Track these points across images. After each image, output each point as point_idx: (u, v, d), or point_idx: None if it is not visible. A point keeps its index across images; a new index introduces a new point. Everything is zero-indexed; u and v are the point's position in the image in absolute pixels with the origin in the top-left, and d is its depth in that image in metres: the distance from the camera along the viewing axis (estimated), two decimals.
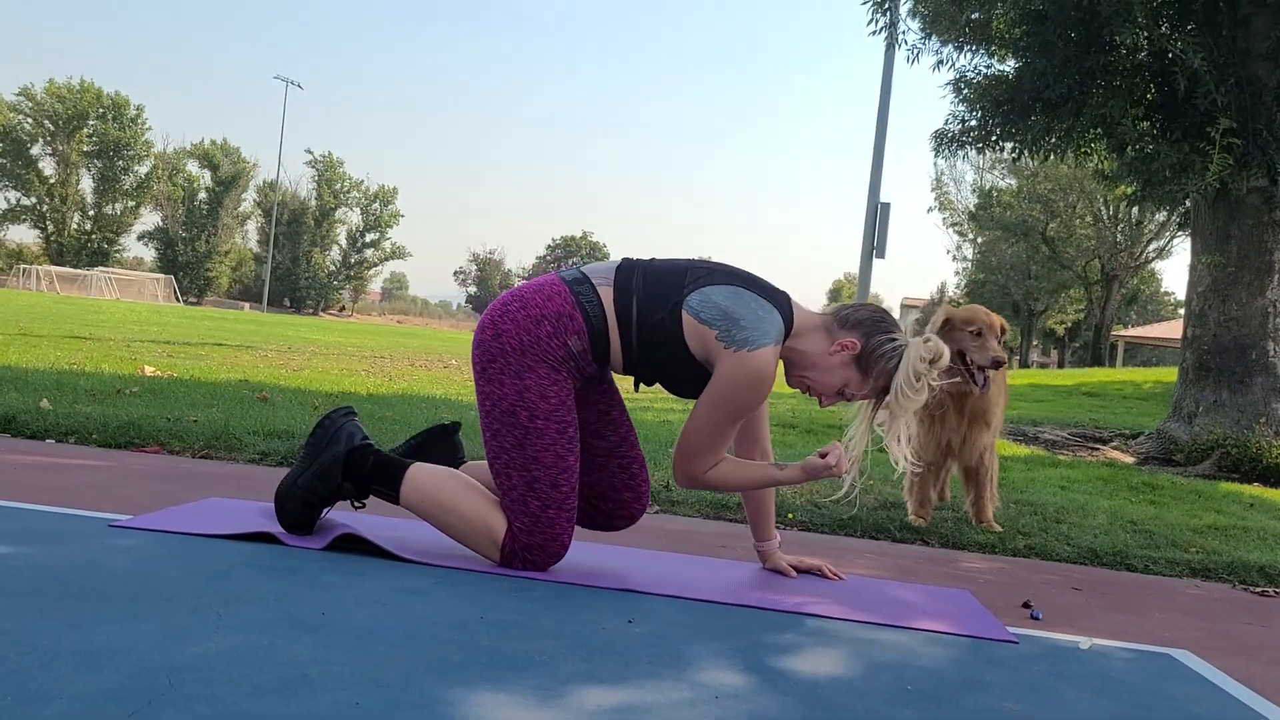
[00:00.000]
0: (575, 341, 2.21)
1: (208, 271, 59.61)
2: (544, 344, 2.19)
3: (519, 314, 2.21)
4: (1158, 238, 33.25)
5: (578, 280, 2.25)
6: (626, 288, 2.23)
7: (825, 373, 2.27)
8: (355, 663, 1.54)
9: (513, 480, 2.21)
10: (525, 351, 2.19)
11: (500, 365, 2.20)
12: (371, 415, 4.75)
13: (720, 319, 2.17)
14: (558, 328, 2.20)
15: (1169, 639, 2.33)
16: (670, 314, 2.20)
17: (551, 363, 2.20)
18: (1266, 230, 6.69)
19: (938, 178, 38.36)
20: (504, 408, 2.20)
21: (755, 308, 2.20)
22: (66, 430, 3.63)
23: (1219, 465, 6.14)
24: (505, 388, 2.19)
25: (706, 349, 2.19)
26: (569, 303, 2.21)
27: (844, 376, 2.26)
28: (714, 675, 1.68)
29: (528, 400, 2.18)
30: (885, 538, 3.30)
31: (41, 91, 55.14)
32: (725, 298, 2.20)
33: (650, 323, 2.21)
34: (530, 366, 2.19)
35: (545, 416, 2.19)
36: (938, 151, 7.92)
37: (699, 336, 2.19)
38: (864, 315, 2.29)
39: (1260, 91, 6.57)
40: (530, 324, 2.20)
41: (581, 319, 2.21)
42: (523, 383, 2.18)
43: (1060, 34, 6.77)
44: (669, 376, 2.28)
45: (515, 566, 2.24)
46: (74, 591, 1.76)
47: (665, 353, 2.22)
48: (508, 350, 2.20)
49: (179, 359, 7.79)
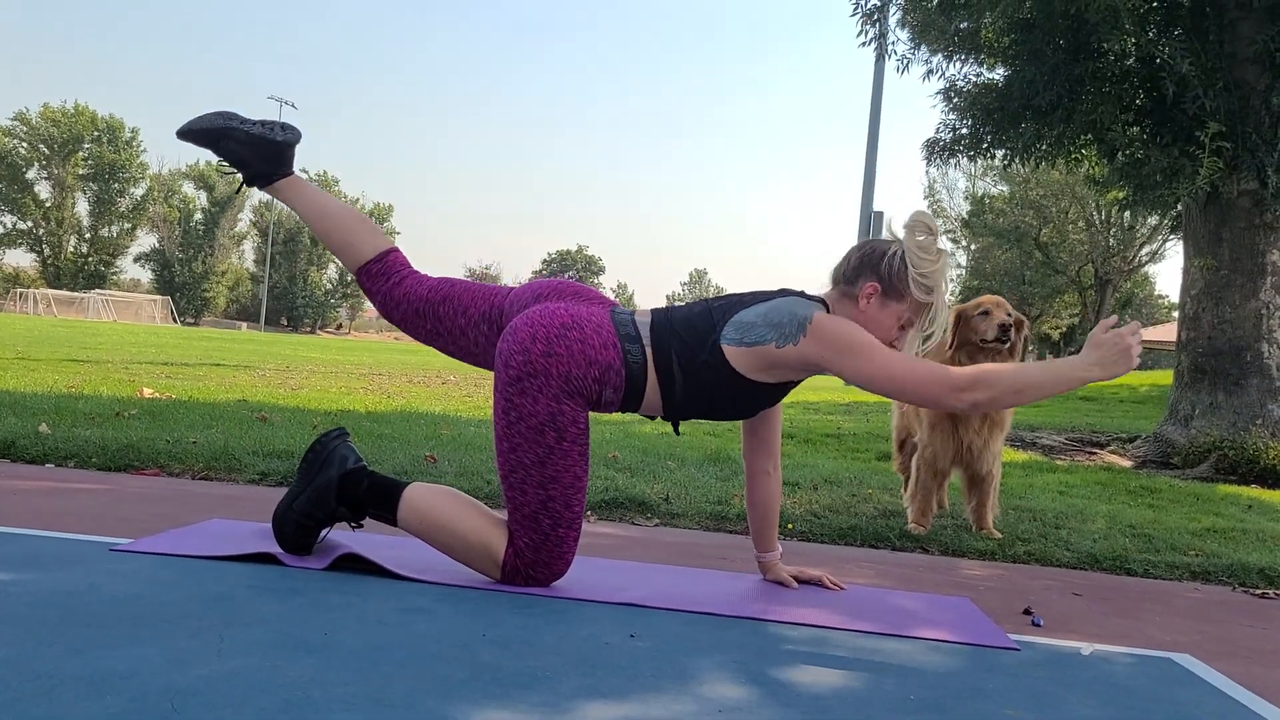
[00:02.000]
0: (610, 393, 2.24)
1: (205, 292, 59.65)
2: (589, 385, 2.20)
3: (576, 346, 2.19)
4: (1150, 241, 33.37)
5: (630, 338, 2.24)
6: (663, 347, 2.25)
7: (874, 324, 2.29)
8: (359, 683, 1.55)
9: (527, 496, 2.20)
10: (570, 381, 2.18)
11: (540, 384, 2.17)
12: (370, 433, 4.75)
13: (763, 331, 2.21)
14: (603, 376, 2.21)
15: (1170, 643, 2.34)
16: (711, 354, 2.22)
17: (586, 398, 2.22)
18: (1258, 233, 6.72)
19: (930, 186, 38.58)
20: (533, 424, 2.18)
21: (779, 304, 2.25)
22: (66, 454, 3.64)
23: (1216, 467, 6.15)
24: (539, 405, 2.17)
25: (776, 360, 2.21)
26: (619, 359, 2.22)
27: (890, 314, 2.29)
28: (717, 688, 1.68)
29: (559, 423, 2.18)
30: (885, 546, 3.31)
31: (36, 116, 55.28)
32: (753, 315, 2.24)
33: (694, 368, 2.23)
34: (570, 395, 2.19)
35: (571, 440, 2.19)
36: (929, 160, 7.95)
37: (759, 358, 2.21)
38: (855, 259, 2.34)
39: (1248, 95, 6.61)
40: (584, 362, 2.19)
41: (624, 378, 2.23)
42: (558, 407, 2.18)
43: (1049, 42, 6.81)
44: (717, 408, 2.30)
45: (516, 583, 2.25)
46: (75, 617, 1.76)
47: (722, 390, 2.24)
48: (553, 373, 2.18)
49: (177, 380, 7.79)
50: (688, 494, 3.74)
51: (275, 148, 2.48)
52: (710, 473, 4.31)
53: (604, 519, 3.39)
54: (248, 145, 2.47)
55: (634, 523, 3.37)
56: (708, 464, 4.57)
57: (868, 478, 4.56)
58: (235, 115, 2.49)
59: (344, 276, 66.39)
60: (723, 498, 3.71)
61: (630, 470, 4.17)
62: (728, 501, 3.64)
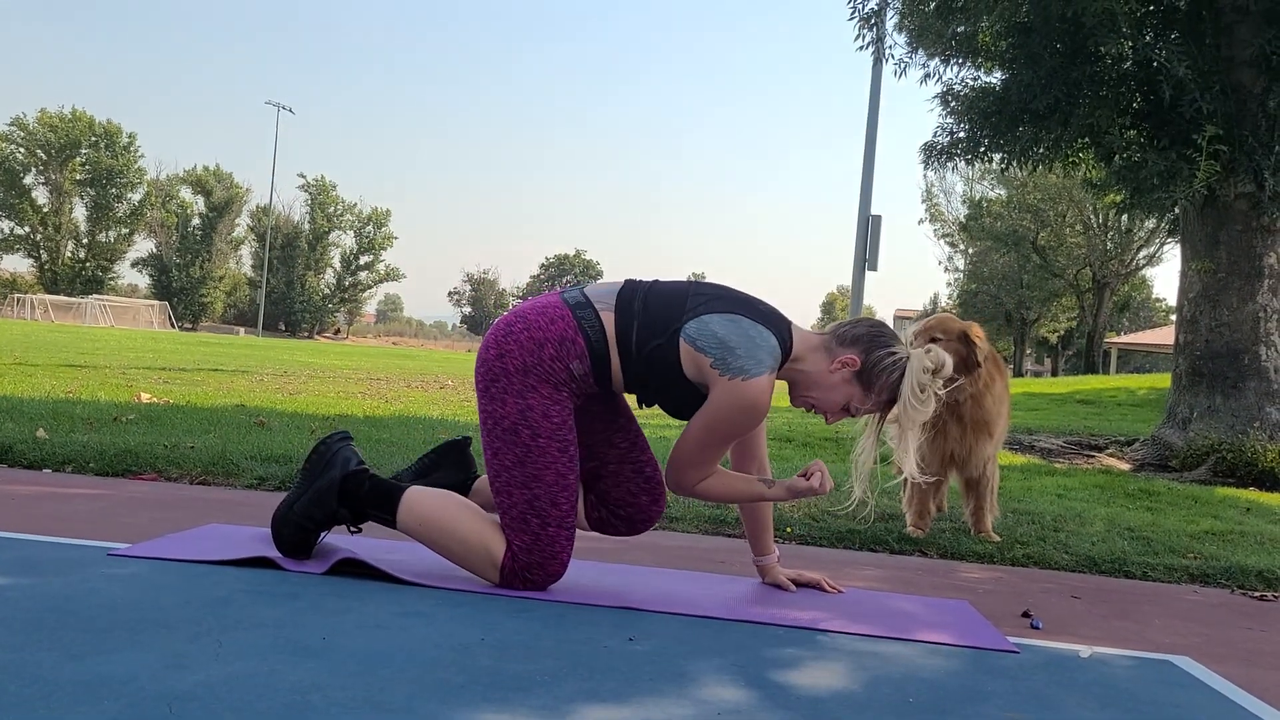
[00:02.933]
0: (577, 365, 2.23)
1: (202, 297, 59.60)
2: (546, 365, 2.21)
3: (522, 335, 2.22)
4: (1148, 245, 33.40)
5: (580, 304, 2.26)
6: (628, 312, 2.24)
7: (828, 390, 2.29)
8: (357, 687, 1.54)
9: (513, 498, 2.21)
10: (528, 372, 2.20)
11: (503, 385, 2.21)
12: (369, 437, 4.75)
13: (716, 347, 2.19)
14: (560, 351, 2.21)
15: (1169, 645, 2.34)
16: (668, 340, 2.22)
17: (554, 383, 2.22)
18: (1255, 236, 6.73)
19: (928, 189, 38.58)
20: (506, 426, 2.21)
21: (753, 335, 2.21)
22: (64, 459, 3.63)
23: (1214, 470, 6.15)
24: (508, 406, 2.21)
25: (702, 375, 2.21)
26: (571, 327, 2.22)
27: (847, 393, 2.29)
28: (716, 691, 1.68)
29: (530, 419, 2.20)
30: (884, 550, 3.31)
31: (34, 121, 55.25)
32: (722, 326, 2.21)
33: (649, 348, 2.22)
34: (533, 387, 2.20)
35: (547, 435, 2.20)
36: (927, 164, 7.96)
37: (695, 363, 2.21)
38: (861, 331, 2.31)
39: (1245, 98, 6.62)
40: (533, 346, 2.21)
41: (583, 343, 2.22)
42: (525, 402, 2.20)
43: (1046, 45, 6.82)
44: (667, 399, 2.30)
45: (515, 587, 2.25)
46: (73, 621, 1.76)
47: (663, 378, 2.25)
48: (510, 370, 2.21)
49: (175, 385, 7.78)
50: (686, 499, 3.73)
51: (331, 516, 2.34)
52: None
53: None
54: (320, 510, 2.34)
55: None
56: None
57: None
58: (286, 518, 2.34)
59: (341, 281, 66.42)
60: None
61: None
62: (725, 505, 3.64)
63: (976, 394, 3.34)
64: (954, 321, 3.33)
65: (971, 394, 3.32)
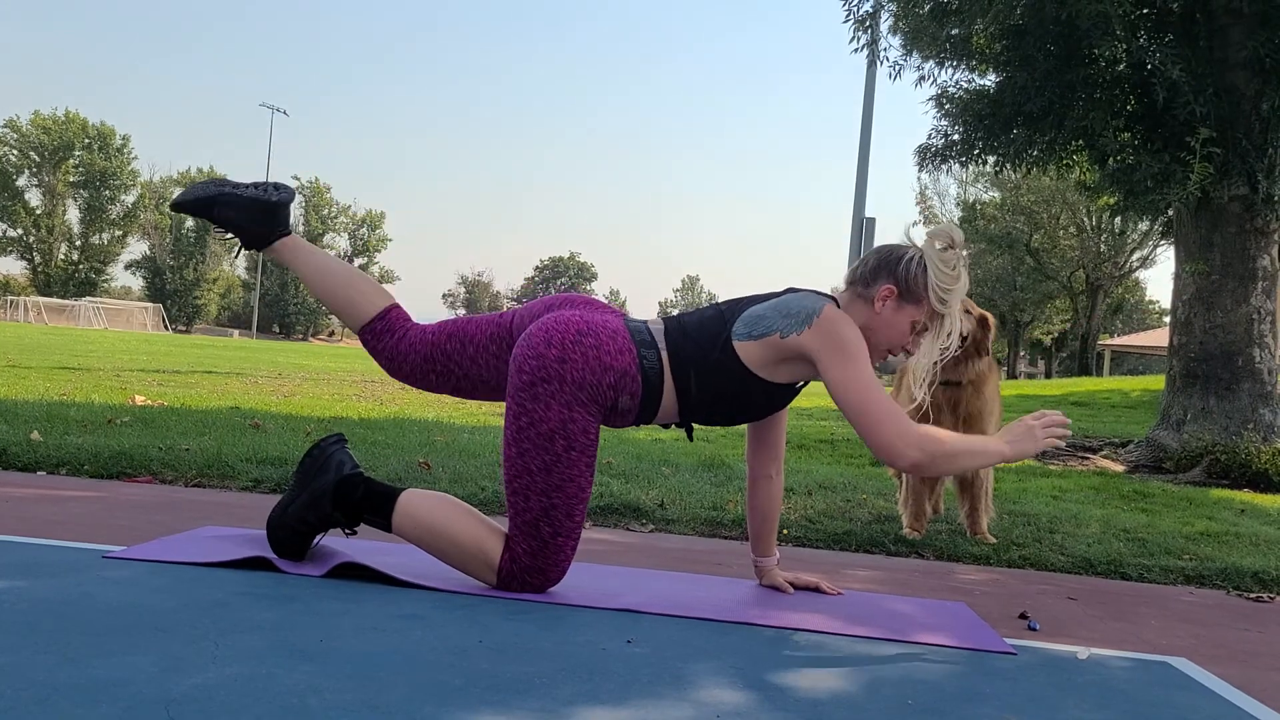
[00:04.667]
0: (627, 400, 2.22)
1: (196, 299, 59.52)
2: (604, 391, 2.19)
3: (591, 352, 2.18)
4: (1141, 247, 33.49)
5: (645, 344, 2.24)
6: (678, 351, 2.25)
7: (889, 327, 2.29)
8: (355, 690, 1.54)
9: (530, 503, 2.20)
10: (583, 388, 2.17)
11: (554, 389, 2.16)
12: (364, 440, 4.74)
13: (773, 321, 2.22)
14: (620, 382, 2.20)
15: (1166, 647, 2.34)
16: (723, 351, 2.22)
17: (601, 406, 2.21)
18: (1249, 238, 6.75)
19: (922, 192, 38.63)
20: (543, 431, 2.17)
21: (789, 299, 2.27)
22: (58, 461, 3.62)
23: (1209, 472, 6.17)
24: (551, 411, 2.17)
25: (782, 351, 2.21)
26: (634, 364, 2.21)
27: (905, 316, 2.28)
28: (715, 693, 1.68)
29: (569, 431, 2.17)
30: (880, 551, 3.31)
31: (27, 123, 55.15)
32: (763, 309, 2.26)
33: (707, 369, 2.23)
34: (583, 403, 2.18)
35: (580, 450, 2.19)
36: (921, 166, 7.97)
37: (765, 349, 2.22)
38: (874, 261, 2.33)
39: (1239, 100, 6.65)
40: (600, 368, 2.18)
41: (640, 383, 2.22)
42: (570, 414, 2.17)
43: (1040, 48, 6.84)
44: (731, 410, 2.30)
45: (512, 589, 2.24)
46: (69, 625, 1.75)
47: (734, 388, 2.25)
48: (568, 379, 2.17)
49: (169, 387, 7.76)
50: (682, 499, 3.74)
51: (270, 208, 2.45)
52: (705, 479, 4.31)
53: (599, 525, 3.38)
54: (241, 209, 2.44)
55: (629, 529, 3.37)
56: (702, 470, 4.56)
57: (862, 483, 4.56)
58: (227, 181, 2.49)
59: None
60: (717, 504, 3.70)
61: (625, 476, 4.17)
62: (722, 507, 3.64)
63: (977, 380, 3.35)
64: (973, 305, 3.35)
65: (972, 379, 3.33)
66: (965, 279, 2.29)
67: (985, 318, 3.33)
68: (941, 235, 2.30)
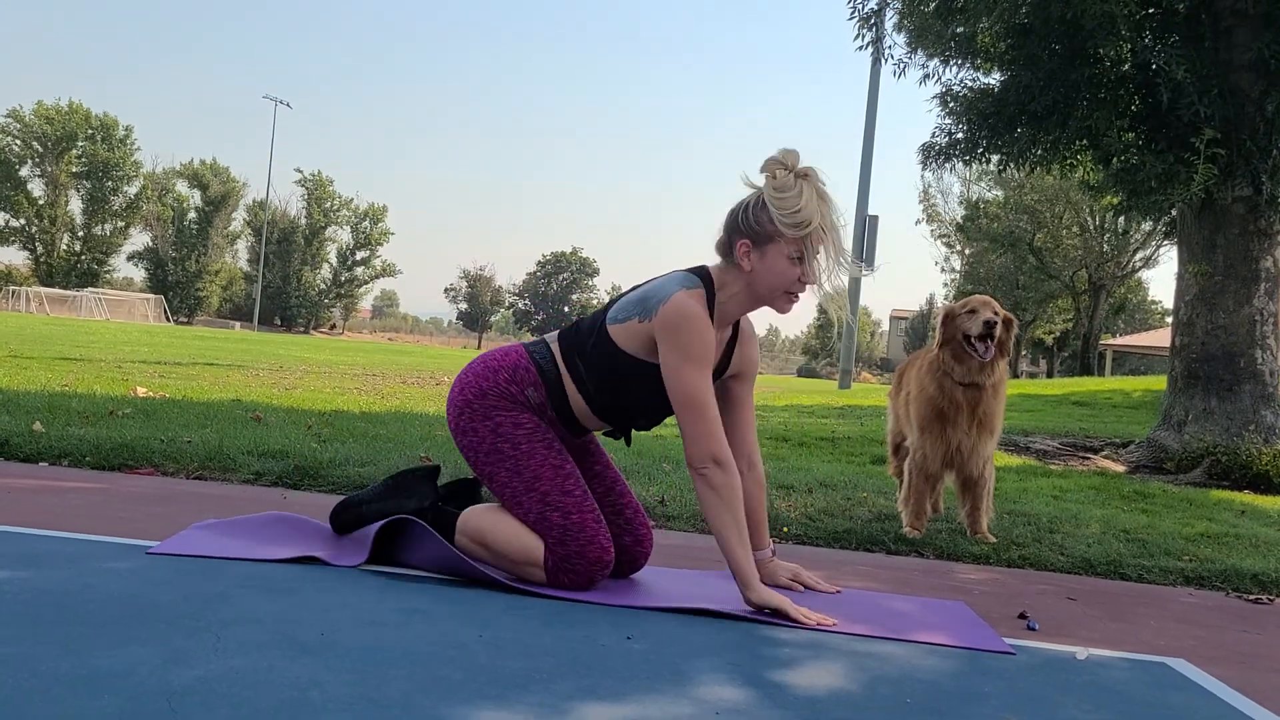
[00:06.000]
0: (533, 392, 2.33)
1: (198, 291, 59.49)
2: (502, 387, 2.33)
3: (478, 367, 2.39)
4: (1144, 247, 33.45)
5: (537, 345, 2.42)
6: (567, 343, 2.38)
7: (767, 274, 2.28)
8: (355, 683, 1.54)
9: (526, 505, 2.27)
10: (485, 395, 2.33)
11: (469, 414, 2.33)
12: (365, 434, 4.74)
13: (634, 307, 2.30)
14: (514, 376, 2.34)
15: (1164, 648, 2.34)
16: (599, 335, 2.32)
17: (512, 401, 2.33)
18: (1252, 239, 6.74)
19: (925, 190, 38.59)
20: (486, 449, 2.31)
21: (653, 282, 2.34)
22: (60, 452, 3.62)
23: (1209, 473, 6.16)
24: (480, 431, 2.32)
25: (641, 337, 2.28)
26: (523, 357, 2.37)
27: (772, 258, 2.26)
28: (713, 690, 1.68)
29: (503, 433, 2.30)
30: (880, 550, 3.31)
31: (30, 113, 55.10)
32: (634, 294, 2.34)
33: (589, 354, 2.32)
34: (495, 406, 2.32)
35: (527, 440, 2.29)
36: (925, 164, 7.95)
37: (628, 333, 2.29)
38: (724, 227, 2.35)
39: (1243, 102, 6.63)
40: (488, 373, 2.36)
41: (535, 371, 2.35)
42: (493, 421, 2.31)
43: (1045, 47, 6.82)
44: (626, 395, 2.33)
45: (563, 584, 2.26)
46: (71, 616, 1.76)
47: (615, 370, 2.30)
48: (470, 399, 2.34)
49: (171, 379, 7.77)
50: (683, 496, 3.74)
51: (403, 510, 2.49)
52: None
53: None
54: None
55: None
56: None
57: (863, 481, 4.57)
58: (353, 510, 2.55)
59: (337, 277, 66.34)
60: None
61: (626, 472, 4.17)
62: None
63: (997, 382, 3.37)
64: (999, 306, 3.37)
65: (992, 383, 3.36)
66: (810, 190, 2.23)
67: (1010, 319, 3.36)
68: (770, 165, 2.29)
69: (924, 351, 3.67)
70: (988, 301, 3.35)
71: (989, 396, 3.36)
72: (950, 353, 3.37)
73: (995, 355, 3.32)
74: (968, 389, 3.35)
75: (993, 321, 3.27)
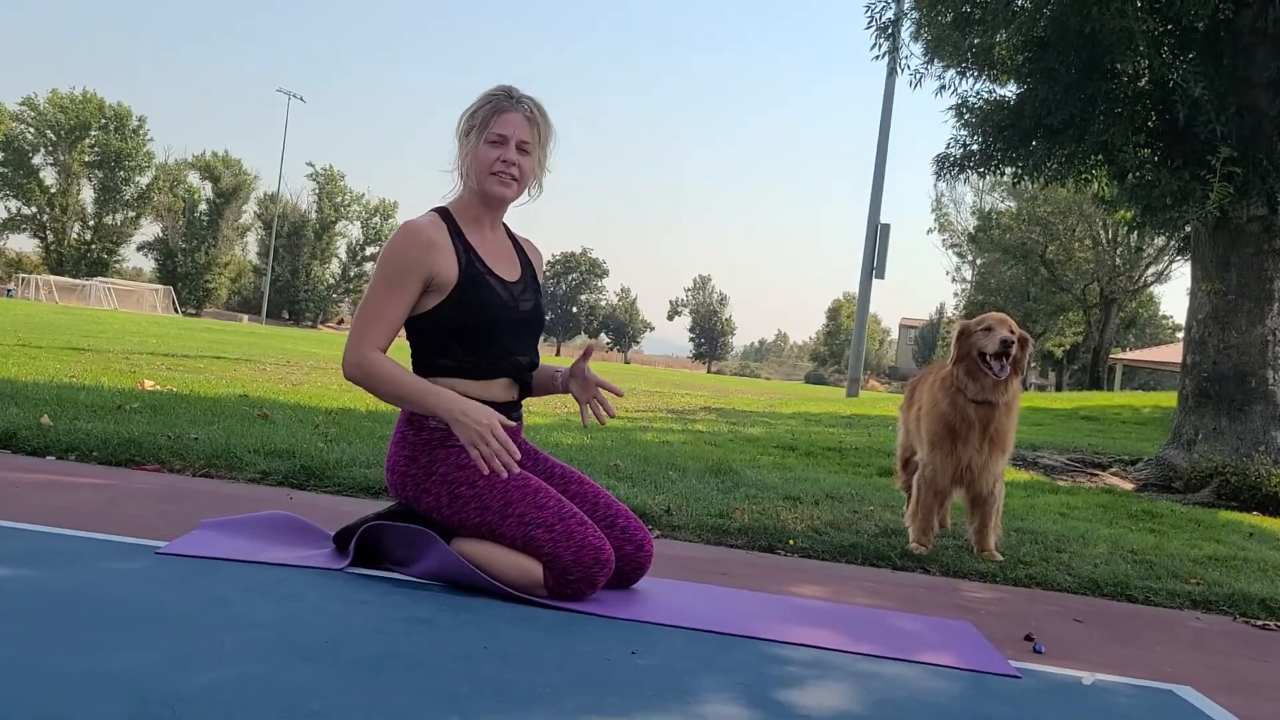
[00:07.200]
0: (436, 422, 2.34)
1: (207, 283, 59.66)
2: (422, 437, 2.34)
3: (391, 449, 2.41)
4: (1156, 262, 33.32)
5: None
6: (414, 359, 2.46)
7: (473, 164, 2.40)
8: (359, 692, 1.54)
9: (508, 532, 2.27)
10: (414, 459, 2.36)
11: (411, 483, 2.35)
12: (372, 434, 4.74)
13: None
14: (414, 421, 2.36)
15: (1171, 674, 2.33)
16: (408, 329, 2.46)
17: (438, 443, 2.34)
18: (1266, 259, 6.71)
19: (938, 199, 38.53)
20: (445, 501, 2.32)
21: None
22: (67, 447, 3.63)
23: (1218, 493, 6.13)
24: (431, 490, 2.33)
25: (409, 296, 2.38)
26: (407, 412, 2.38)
27: (469, 153, 2.40)
28: (719, 708, 1.67)
29: (452, 478, 2.32)
30: (886, 565, 3.29)
31: (44, 101, 55.34)
32: None
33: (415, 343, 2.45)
34: (429, 460, 2.34)
35: (474, 473, 2.29)
36: (939, 175, 7.93)
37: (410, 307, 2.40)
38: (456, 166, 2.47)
39: (1261, 120, 6.60)
40: (400, 439, 2.38)
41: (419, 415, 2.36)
42: (438, 474, 2.33)
43: (1062, 61, 6.80)
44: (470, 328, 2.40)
45: (565, 595, 2.26)
46: (77, 616, 1.75)
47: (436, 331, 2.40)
48: (399, 469, 2.37)
49: (178, 372, 7.78)
50: (689, 505, 3.73)
51: None
52: (712, 484, 4.30)
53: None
54: None
55: None
56: (709, 475, 4.55)
57: (869, 494, 4.55)
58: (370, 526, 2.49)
59: (346, 272, 66.46)
60: (724, 511, 3.69)
61: (632, 480, 4.16)
62: (729, 515, 3.63)
63: (1009, 402, 3.36)
64: (1015, 324, 3.37)
65: (1005, 401, 3.34)
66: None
67: (1025, 338, 3.35)
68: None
69: (936, 366, 3.66)
70: (1004, 319, 3.34)
71: (1002, 414, 3.35)
72: (964, 369, 3.36)
73: (1010, 374, 3.30)
74: (980, 406, 3.34)
75: (1010, 340, 3.26)
